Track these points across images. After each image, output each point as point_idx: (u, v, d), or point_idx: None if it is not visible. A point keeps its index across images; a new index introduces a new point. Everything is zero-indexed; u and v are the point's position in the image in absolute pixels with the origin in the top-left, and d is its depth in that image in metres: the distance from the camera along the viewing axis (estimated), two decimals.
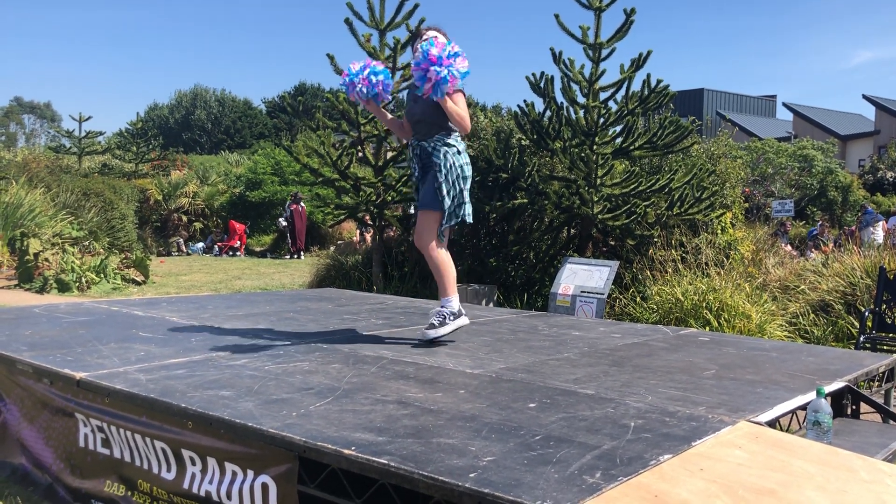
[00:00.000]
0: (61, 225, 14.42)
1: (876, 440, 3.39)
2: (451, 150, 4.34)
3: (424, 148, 4.37)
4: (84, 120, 25.59)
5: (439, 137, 4.34)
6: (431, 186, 4.33)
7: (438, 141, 4.34)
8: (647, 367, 3.97)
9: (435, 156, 4.32)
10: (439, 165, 4.30)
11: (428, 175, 4.37)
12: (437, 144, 4.34)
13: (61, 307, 5.81)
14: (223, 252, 20.97)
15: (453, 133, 4.38)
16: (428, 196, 4.33)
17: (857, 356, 4.60)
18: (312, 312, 5.81)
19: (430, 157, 4.34)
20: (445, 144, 4.34)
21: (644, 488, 2.20)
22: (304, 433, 2.62)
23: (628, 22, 8.77)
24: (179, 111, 56.56)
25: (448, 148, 4.34)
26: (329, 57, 9.67)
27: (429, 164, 4.37)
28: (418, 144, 4.40)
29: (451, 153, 4.33)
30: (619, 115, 8.96)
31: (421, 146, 4.38)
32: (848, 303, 7.76)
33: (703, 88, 43.97)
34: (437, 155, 4.32)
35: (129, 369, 3.55)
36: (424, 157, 4.38)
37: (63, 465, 3.54)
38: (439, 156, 4.32)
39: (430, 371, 3.71)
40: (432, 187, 4.32)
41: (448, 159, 4.31)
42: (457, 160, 4.34)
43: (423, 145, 4.37)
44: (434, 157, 4.32)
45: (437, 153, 4.32)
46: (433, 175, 4.33)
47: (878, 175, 28.71)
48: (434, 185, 4.31)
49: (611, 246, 9.71)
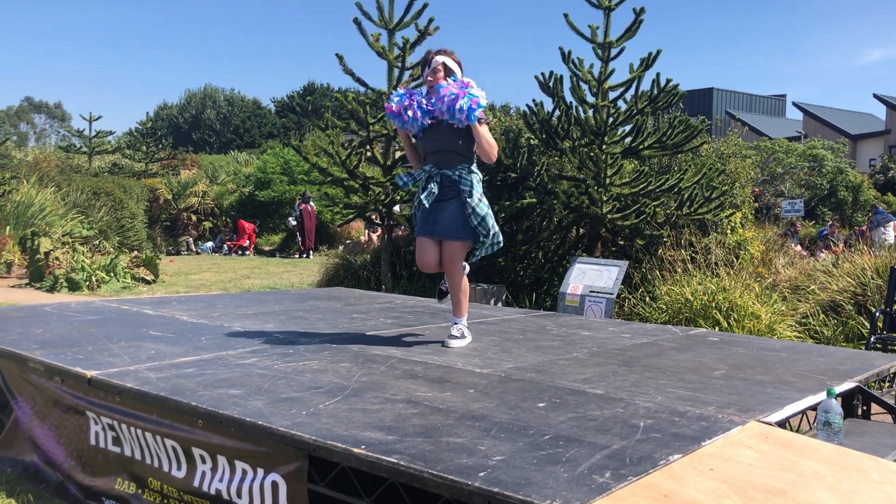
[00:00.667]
0: (72, 224, 14.49)
1: (887, 441, 3.38)
2: (476, 176, 4.33)
3: (448, 176, 4.28)
4: (94, 119, 25.72)
5: (464, 166, 4.30)
6: (460, 214, 4.27)
7: (463, 169, 4.29)
8: (657, 367, 3.96)
9: (463, 184, 4.26)
10: (469, 192, 4.25)
11: (449, 203, 4.29)
12: (462, 172, 4.28)
13: (72, 306, 5.85)
14: (232, 251, 21.03)
15: (473, 163, 4.36)
16: (456, 225, 4.28)
17: (868, 357, 4.58)
18: (321, 311, 5.82)
19: (457, 185, 4.27)
20: (470, 172, 4.31)
21: (654, 488, 2.20)
22: (314, 432, 2.63)
23: (637, 21, 8.76)
24: (189, 111, 56.72)
25: (473, 176, 4.31)
26: (338, 57, 9.69)
27: (452, 192, 4.29)
28: (439, 173, 4.30)
29: (475, 180, 4.31)
30: (629, 115, 8.95)
31: (443, 174, 4.29)
32: (858, 303, 7.72)
33: (713, 88, 43.85)
34: (465, 183, 4.26)
35: (140, 368, 3.57)
36: (447, 184, 4.30)
37: (74, 463, 3.56)
38: (469, 183, 4.26)
39: (439, 370, 3.71)
40: (461, 215, 4.27)
41: (476, 186, 4.29)
42: (481, 187, 4.35)
43: (445, 174, 4.29)
44: (462, 185, 4.26)
45: (465, 181, 4.26)
46: (461, 203, 4.27)
47: (889, 175, 28.55)
48: (465, 213, 4.26)
49: (620, 246, 9.69)
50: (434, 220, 4.34)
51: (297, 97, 30.09)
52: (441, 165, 4.31)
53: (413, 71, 9.93)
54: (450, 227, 4.30)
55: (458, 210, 4.28)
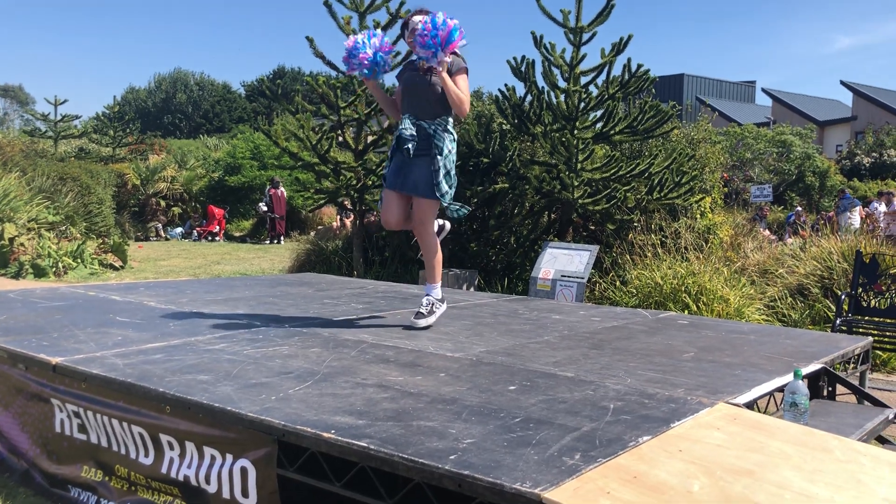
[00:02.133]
0: (37, 210, 14.22)
1: (851, 421, 3.44)
2: (450, 137, 4.25)
3: (424, 129, 4.19)
4: (60, 103, 25.25)
5: (440, 122, 4.22)
6: (428, 172, 4.18)
7: (440, 126, 4.21)
8: (627, 350, 3.99)
9: (437, 139, 4.17)
10: (438, 151, 4.16)
11: (422, 158, 4.20)
12: (438, 129, 4.20)
13: (37, 292, 5.74)
14: (202, 237, 20.82)
15: (450, 117, 4.27)
16: (426, 182, 4.19)
17: (834, 339, 4.65)
18: (292, 297, 5.78)
19: (430, 140, 4.18)
20: (447, 131, 4.23)
21: (623, 469, 2.21)
22: (284, 417, 2.60)
23: (609, 6, 8.76)
24: (159, 94, 55.90)
25: (448, 135, 4.24)
26: (308, 39, 9.59)
27: (425, 147, 4.20)
28: (417, 123, 4.20)
29: (449, 140, 4.23)
30: (600, 100, 8.96)
31: (419, 125, 4.20)
32: (825, 286, 7.84)
33: (684, 74, 44.14)
34: (439, 138, 4.18)
35: (107, 354, 3.52)
36: (422, 136, 4.19)
37: (39, 451, 3.50)
38: (441, 140, 4.18)
39: (410, 355, 3.70)
40: (429, 173, 4.18)
41: (446, 147, 4.20)
42: (454, 148, 4.27)
43: (422, 125, 4.20)
44: (436, 140, 4.17)
45: (438, 137, 4.18)
46: (429, 161, 4.18)
47: (856, 160, 28.97)
48: (431, 171, 4.17)
49: (591, 230, 9.74)
50: (405, 174, 4.25)
51: (266, 81, 29.74)
52: (418, 114, 4.22)
53: None
54: (419, 184, 4.21)
55: (429, 166, 4.20)
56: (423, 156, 4.22)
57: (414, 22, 4.24)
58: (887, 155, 28.17)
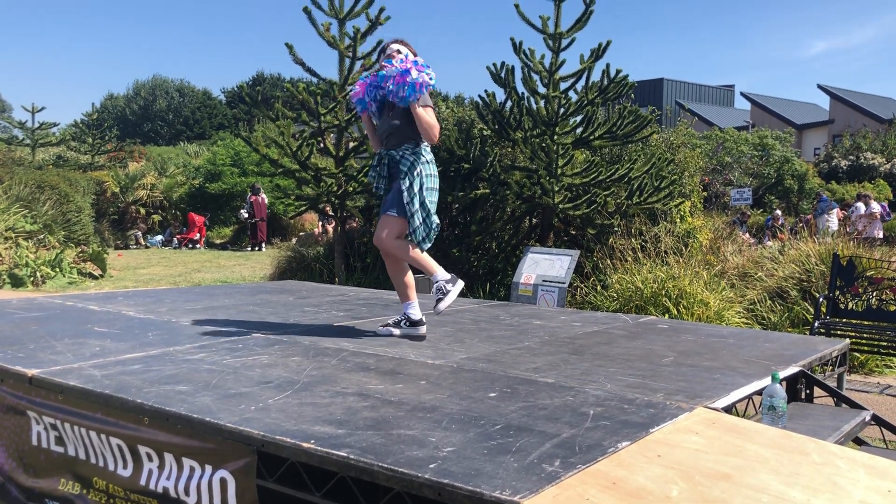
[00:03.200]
0: (14, 218, 14.08)
1: (828, 423, 3.46)
2: (419, 158, 4.35)
3: (393, 157, 4.37)
4: (37, 111, 25.08)
5: (407, 146, 4.35)
6: (397, 192, 4.32)
7: (406, 150, 4.35)
8: (607, 355, 4.00)
9: (403, 163, 4.32)
10: (405, 172, 4.30)
11: (394, 183, 4.38)
12: (405, 153, 4.34)
13: (13, 302, 5.68)
14: (182, 245, 20.69)
15: (422, 143, 4.38)
16: (390, 201, 4.35)
17: (812, 341, 4.69)
18: (273, 305, 5.76)
19: (398, 164, 4.34)
20: (413, 153, 4.35)
21: (602, 475, 2.22)
22: (263, 427, 2.59)
23: (588, 12, 8.82)
24: (137, 101, 55.54)
25: (416, 156, 4.34)
26: (288, 46, 9.57)
27: (395, 171, 4.37)
28: (387, 154, 4.39)
29: (418, 162, 4.33)
30: (580, 105, 9.01)
31: (389, 155, 4.38)
32: (803, 289, 7.92)
33: (663, 78, 44.45)
34: (404, 162, 4.32)
35: (84, 365, 3.48)
36: (392, 165, 4.38)
37: (15, 465, 3.46)
38: (406, 163, 4.32)
39: (391, 362, 3.70)
40: (398, 193, 4.32)
41: (415, 167, 4.31)
42: (424, 169, 4.35)
43: (391, 154, 4.37)
44: (401, 165, 4.32)
45: (404, 161, 4.32)
46: (398, 182, 4.33)
47: (833, 163, 29.30)
48: (399, 191, 4.30)
49: (572, 235, 9.78)
50: (386, 199, 4.45)
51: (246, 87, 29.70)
52: (389, 146, 4.40)
53: (364, 60, 9.87)
54: (386, 203, 4.40)
55: (397, 187, 4.37)
56: (396, 179, 4.39)
57: (391, 49, 4.36)
58: (864, 158, 28.52)
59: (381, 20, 9.60)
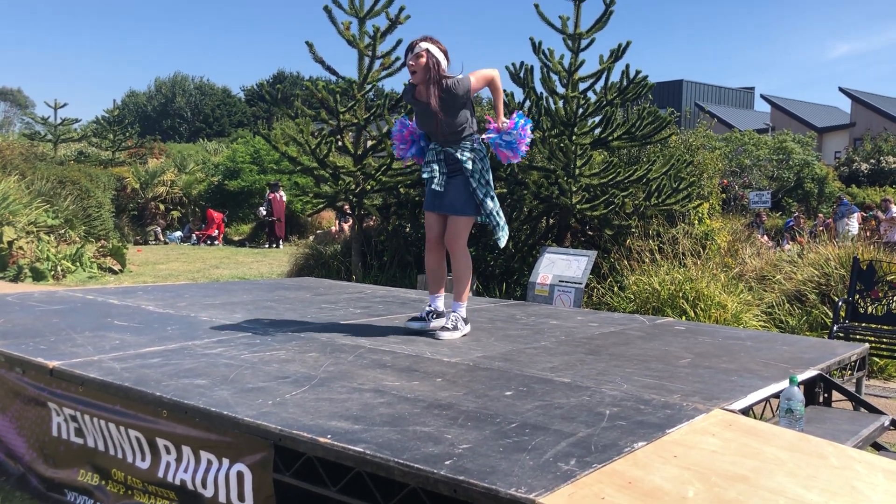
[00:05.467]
0: (36, 213, 14.22)
1: (846, 427, 3.44)
2: (477, 155, 4.39)
3: (451, 154, 4.34)
4: (59, 107, 25.29)
5: (464, 144, 4.36)
6: (464, 191, 4.33)
7: (465, 147, 4.35)
8: (623, 356, 3.99)
9: (464, 162, 4.32)
10: (469, 170, 4.32)
11: (455, 178, 4.35)
12: (464, 151, 4.35)
13: (35, 295, 5.75)
14: (201, 241, 20.82)
15: (474, 136, 4.41)
16: (459, 201, 4.34)
17: (830, 345, 4.66)
18: (290, 301, 5.79)
19: (459, 163, 4.33)
20: (472, 150, 4.37)
21: (618, 475, 2.22)
22: (280, 421, 2.61)
23: (608, 12, 8.79)
24: (158, 99, 55.96)
25: (474, 153, 4.37)
26: (308, 45, 9.61)
27: (455, 168, 4.35)
28: (442, 150, 4.37)
29: (477, 159, 4.38)
30: (598, 106, 8.99)
31: (446, 152, 4.36)
32: (822, 293, 7.85)
33: (682, 80, 44.20)
34: (465, 161, 4.32)
35: (104, 358, 3.52)
36: (451, 162, 4.35)
37: (36, 455, 3.50)
38: (468, 162, 4.33)
39: (407, 360, 3.71)
40: (465, 192, 4.33)
41: (475, 165, 4.36)
42: (483, 164, 4.40)
43: (448, 151, 4.35)
44: (464, 164, 4.32)
45: (464, 160, 4.33)
46: (464, 180, 4.33)
47: (854, 167, 29.04)
48: (468, 190, 4.33)
49: (589, 236, 9.75)
50: (441, 196, 4.39)
51: (266, 85, 29.79)
52: (443, 143, 4.37)
53: (384, 59, 9.89)
54: (454, 203, 4.35)
55: (463, 185, 4.33)
56: (457, 176, 4.35)
57: (420, 48, 4.25)
58: (885, 161, 28.24)
59: (400, 19, 9.62)
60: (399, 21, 9.63)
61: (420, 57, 4.20)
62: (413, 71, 4.24)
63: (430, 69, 4.19)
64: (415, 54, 4.23)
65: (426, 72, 4.19)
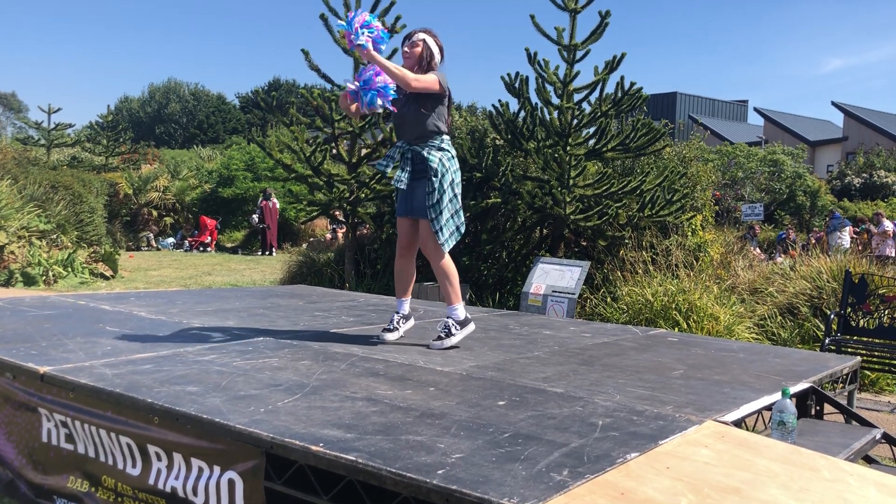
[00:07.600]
0: (28, 218, 14.17)
1: (838, 440, 3.45)
2: (445, 154, 4.25)
3: (418, 153, 4.22)
4: (53, 112, 25.24)
5: (432, 143, 4.23)
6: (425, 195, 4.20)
7: (432, 146, 4.22)
8: (616, 367, 4.00)
9: (430, 161, 4.18)
10: (434, 171, 4.17)
11: (421, 181, 4.22)
12: (431, 150, 4.22)
13: (26, 300, 5.72)
14: (193, 247, 20.76)
15: (444, 136, 4.29)
16: (425, 206, 4.20)
17: (822, 358, 4.67)
18: (283, 309, 5.77)
19: (425, 162, 4.19)
20: (440, 149, 4.24)
21: (610, 486, 2.22)
22: (272, 429, 2.60)
23: (603, 24, 8.83)
24: (152, 105, 55.92)
25: (442, 153, 4.24)
26: (304, 52, 9.62)
27: (422, 169, 4.22)
28: (409, 148, 4.25)
29: (444, 158, 4.24)
30: (593, 117, 9.02)
31: (413, 150, 4.23)
32: (814, 305, 7.88)
33: (677, 92, 44.38)
34: (432, 160, 4.18)
35: (95, 363, 3.50)
36: (417, 161, 4.23)
37: (25, 461, 3.48)
38: (435, 162, 4.18)
39: (400, 368, 3.70)
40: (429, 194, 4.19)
41: (442, 165, 4.21)
42: (451, 165, 4.26)
43: (415, 150, 4.23)
44: (430, 163, 4.18)
45: (431, 159, 4.19)
46: (428, 182, 4.19)
47: (846, 181, 29.17)
48: (428, 192, 4.18)
49: (582, 246, 9.77)
50: (409, 200, 4.29)
51: (261, 93, 29.80)
52: (409, 139, 4.26)
53: None
54: (421, 207, 4.22)
55: (425, 188, 4.21)
56: (422, 178, 4.23)
57: (417, 37, 4.25)
58: (877, 175, 28.39)
59: (396, 28, 9.64)
60: (395, 30, 9.65)
61: (416, 45, 4.23)
62: (406, 57, 4.25)
63: (422, 58, 4.22)
64: (411, 42, 4.25)
65: (418, 60, 4.22)
